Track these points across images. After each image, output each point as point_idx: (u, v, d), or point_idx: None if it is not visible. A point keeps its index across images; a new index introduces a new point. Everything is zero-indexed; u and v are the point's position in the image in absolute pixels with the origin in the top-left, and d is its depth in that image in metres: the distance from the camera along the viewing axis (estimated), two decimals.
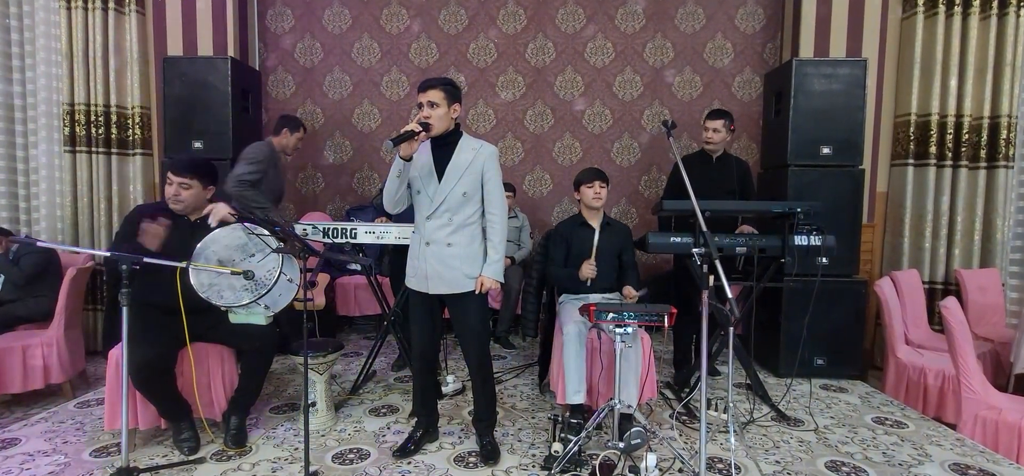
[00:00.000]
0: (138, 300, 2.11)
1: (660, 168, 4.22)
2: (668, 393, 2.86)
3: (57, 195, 3.87)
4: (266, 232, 1.83)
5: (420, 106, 1.96)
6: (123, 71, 3.84)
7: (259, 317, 2.00)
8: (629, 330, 1.92)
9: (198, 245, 1.98)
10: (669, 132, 1.98)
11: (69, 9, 3.78)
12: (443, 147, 2.00)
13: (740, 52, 4.12)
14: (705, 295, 1.56)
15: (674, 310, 1.88)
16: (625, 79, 4.19)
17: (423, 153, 2.01)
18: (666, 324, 1.88)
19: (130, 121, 3.87)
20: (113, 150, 3.84)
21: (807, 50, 3.65)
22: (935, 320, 3.63)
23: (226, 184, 3.20)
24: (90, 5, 3.78)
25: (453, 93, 1.96)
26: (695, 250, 1.63)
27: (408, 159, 1.90)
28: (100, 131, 3.83)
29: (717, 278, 1.55)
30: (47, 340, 2.83)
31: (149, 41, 3.87)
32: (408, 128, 1.84)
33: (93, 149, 3.83)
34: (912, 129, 3.64)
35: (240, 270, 1.75)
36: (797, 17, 3.72)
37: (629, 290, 2.26)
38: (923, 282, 3.56)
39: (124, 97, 3.86)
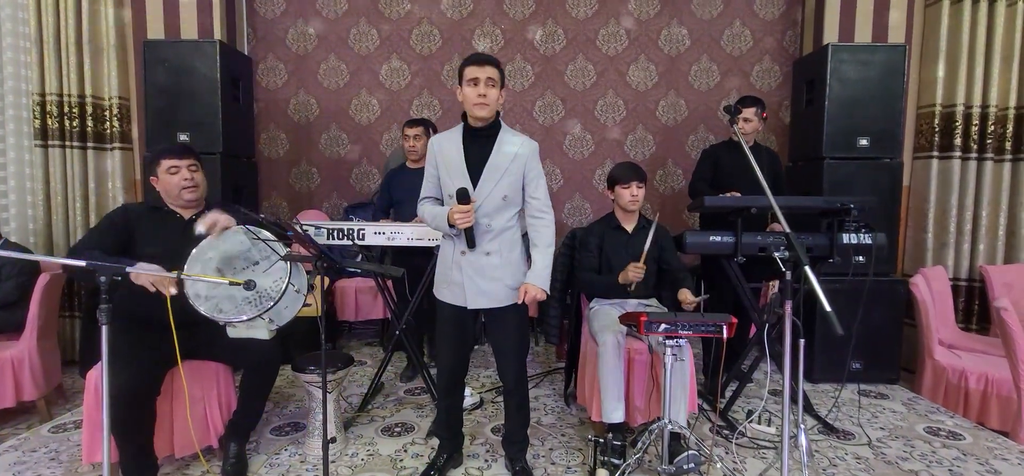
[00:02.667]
0: (121, 313, 1.86)
1: (676, 161, 4.03)
2: (701, 403, 2.67)
3: (28, 193, 3.55)
4: (273, 237, 1.58)
5: (474, 83, 1.66)
6: (99, 58, 3.52)
7: (262, 331, 1.76)
8: (681, 343, 1.72)
9: (194, 250, 1.72)
10: (733, 119, 1.78)
11: None
12: (480, 140, 1.74)
13: (759, 40, 3.94)
14: (788, 306, 1.37)
15: (734, 320, 1.69)
16: (639, 68, 3.99)
17: (453, 148, 1.76)
18: (725, 336, 1.68)
19: (107, 113, 3.56)
20: (89, 144, 3.53)
21: (831, 37, 3.48)
22: (960, 317, 3.51)
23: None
24: None
25: (502, 77, 1.73)
26: (776, 253, 1.44)
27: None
28: (74, 123, 3.51)
29: (794, 285, 1.35)
30: (18, 353, 2.53)
31: (128, 26, 3.56)
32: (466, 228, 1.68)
33: (67, 143, 3.52)
34: (937, 120, 3.50)
35: (240, 281, 1.51)
36: (820, 3, 3.55)
37: (686, 294, 2.04)
38: (948, 278, 3.44)
39: (101, 87, 3.55)
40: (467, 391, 2.59)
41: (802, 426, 1.59)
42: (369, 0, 3.95)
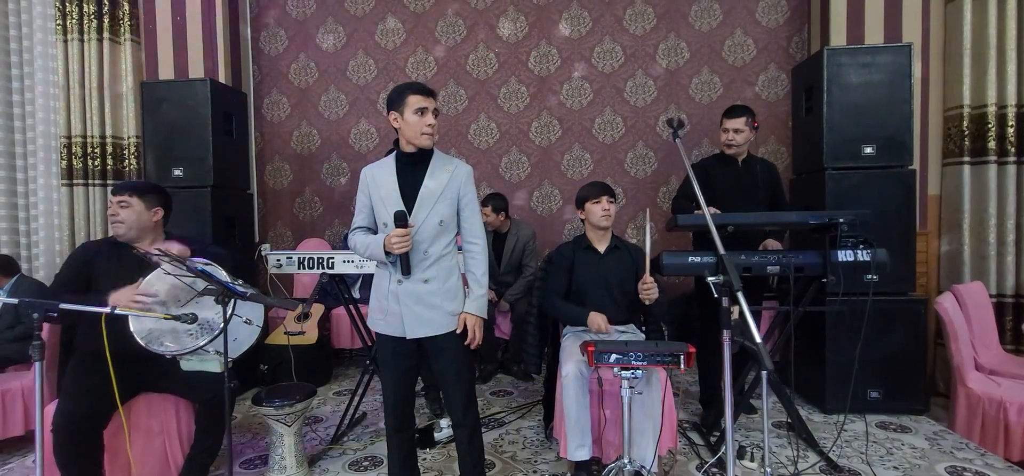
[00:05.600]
0: (82, 348, 1.91)
1: (679, 178, 3.86)
2: (695, 437, 2.48)
3: (56, 230, 3.80)
4: (188, 274, 1.55)
5: (422, 112, 1.67)
6: (119, 101, 3.77)
7: (213, 364, 1.76)
8: (638, 374, 1.59)
9: (142, 283, 1.75)
10: (676, 133, 1.65)
11: (65, 41, 3.74)
12: (412, 166, 1.72)
13: (763, 48, 3.76)
14: (726, 335, 1.23)
15: (692, 348, 1.54)
16: (636, 84, 3.88)
17: (387, 175, 1.74)
18: (683, 366, 1.54)
19: (126, 151, 3.79)
20: (109, 182, 3.76)
21: (839, 41, 3.28)
22: (1007, 338, 3.15)
23: None
24: (86, 36, 3.73)
25: None
26: (711, 279, 1.30)
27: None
28: (96, 163, 3.76)
29: (741, 312, 1.21)
30: (28, 383, 2.66)
31: (144, 70, 3.79)
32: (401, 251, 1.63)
33: (90, 181, 3.77)
34: (966, 123, 3.21)
35: (170, 315, 1.51)
36: (826, 4, 3.36)
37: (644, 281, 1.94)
38: (989, 295, 3.09)
39: (120, 127, 3.79)
40: (444, 422, 2.51)
41: (764, 469, 1.42)
42: (366, 32, 4.05)
